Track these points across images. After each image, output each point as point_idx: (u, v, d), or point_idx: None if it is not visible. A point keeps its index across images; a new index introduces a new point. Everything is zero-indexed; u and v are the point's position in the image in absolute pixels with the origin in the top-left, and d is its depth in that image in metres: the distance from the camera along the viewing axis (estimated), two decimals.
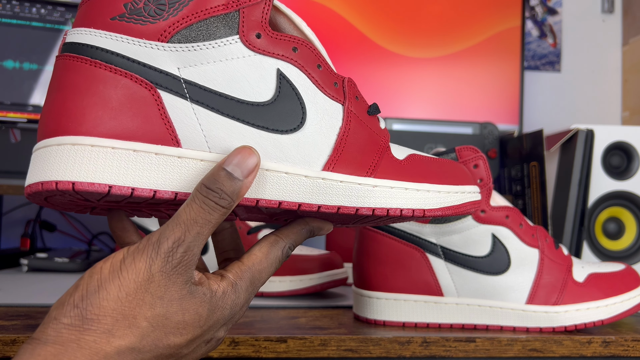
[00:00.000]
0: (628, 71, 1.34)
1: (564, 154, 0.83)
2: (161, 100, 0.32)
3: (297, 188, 0.34)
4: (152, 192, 0.32)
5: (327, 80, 0.36)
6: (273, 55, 0.34)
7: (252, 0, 0.34)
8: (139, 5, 0.32)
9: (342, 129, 0.36)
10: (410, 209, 0.36)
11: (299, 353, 0.48)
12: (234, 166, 0.32)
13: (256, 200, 0.34)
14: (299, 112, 0.35)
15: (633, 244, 0.83)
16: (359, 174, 0.36)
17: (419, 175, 0.38)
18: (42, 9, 1.01)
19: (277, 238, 0.36)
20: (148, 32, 0.32)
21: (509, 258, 0.52)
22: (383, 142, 0.38)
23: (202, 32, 0.33)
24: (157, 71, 0.32)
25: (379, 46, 1.12)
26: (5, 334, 0.46)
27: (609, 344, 0.50)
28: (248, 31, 0.34)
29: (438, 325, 0.53)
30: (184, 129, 0.33)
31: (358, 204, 0.35)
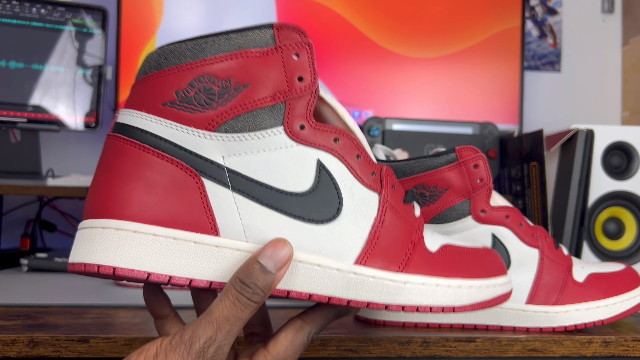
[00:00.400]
0: (628, 71, 1.34)
1: (564, 154, 0.83)
2: (204, 188, 0.33)
3: (329, 282, 0.34)
4: (188, 281, 0.33)
5: (366, 170, 0.36)
6: (315, 146, 0.35)
7: (299, 92, 0.34)
8: (190, 94, 0.33)
9: (376, 219, 0.36)
10: (440, 306, 0.36)
11: None
12: (267, 259, 0.32)
13: (287, 291, 0.34)
14: (335, 202, 0.35)
15: (633, 244, 0.83)
16: (391, 269, 0.36)
17: (450, 269, 0.37)
18: (42, 9, 1.01)
19: (303, 323, 0.36)
20: (197, 120, 0.33)
21: (509, 258, 0.52)
22: (417, 232, 0.38)
23: (249, 123, 0.34)
24: (203, 159, 0.33)
25: (379, 46, 1.12)
26: (5, 334, 0.46)
27: (609, 344, 0.50)
28: (292, 122, 0.34)
29: (438, 325, 0.53)
30: (223, 218, 0.33)
31: (388, 300, 0.35)
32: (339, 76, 1.11)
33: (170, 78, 0.33)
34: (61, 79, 1.02)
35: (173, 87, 0.33)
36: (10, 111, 0.98)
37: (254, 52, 0.34)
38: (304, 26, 1.10)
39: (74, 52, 1.02)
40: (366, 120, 1.05)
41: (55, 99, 1.01)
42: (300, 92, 0.34)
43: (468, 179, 0.51)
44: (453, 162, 0.52)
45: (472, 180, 0.52)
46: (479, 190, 0.52)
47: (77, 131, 1.04)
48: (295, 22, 1.10)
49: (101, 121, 1.04)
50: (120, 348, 0.47)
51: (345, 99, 1.11)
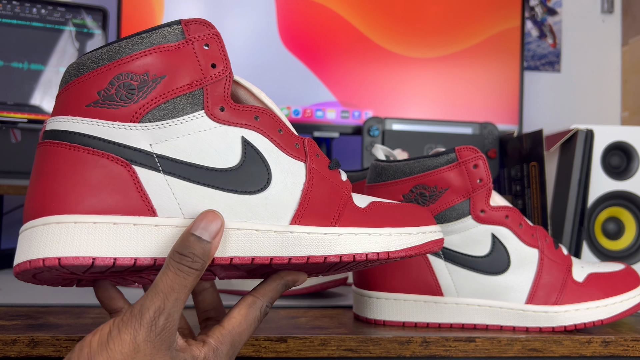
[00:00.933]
0: (627, 71, 1.34)
1: (564, 154, 0.83)
2: (136, 175, 0.35)
3: (268, 243, 0.37)
4: (132, 260, 0.34)
5: (289, 142, 0.39)
6: (237, 125, 0.38)
7: (214, 78, 0.37)
8: (111, 92, 0.36)
9: (305, 184, 0.39)
10: (375, 252, 0.39)
11: (299, 353, 0.48)
12: (202, 230, 0.34)
13: (230, 258, 0.36)
14: (264, 173, 0.38)
15: (632, 244, 0.84)
16: (325, 224, 0.39)
17: (380, 220, 0.40)
18: (43, 9, 1.01)
19: (254, 298, 0.38)
20: (121, 115, 0.35)
21: (509, 258, 0.52)
22: (345, 192, 0.41)
23: (171, 110, 0.36)
24: (131, 149, 0.35)
25: (379, 46, 1.12)
26: (5, 334, 0.46)
27: (608, 344, 0.50)
28: (212, 106, 0.37)
29: (438, 325, 0.53)
30: (159, 199, 0.35)
31: (326, 252, 0.38)
32: (339, 76, 1.11)
33: (90, 81, 0.36)
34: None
35: (94, 88, 0.35)
36: (10, 111, 0.98)
37: (166, 47, 0.36)
38: (304, 26, 1.11)
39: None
40: (366, 120, 1.05)
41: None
42: (215, 77, 0.37)
43: (468, 179, 0.52)
44: (453, 162, 0.52)
45: (471, 180, 0.52)
46: (478, 190, 0.52)
47: None
48: (295, 22, 1.10)
49: None
50: None
51: (345, 99, 1.12)
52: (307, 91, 1.11)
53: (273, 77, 1.10)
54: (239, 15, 1.09)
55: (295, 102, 1.10)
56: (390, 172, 0.53)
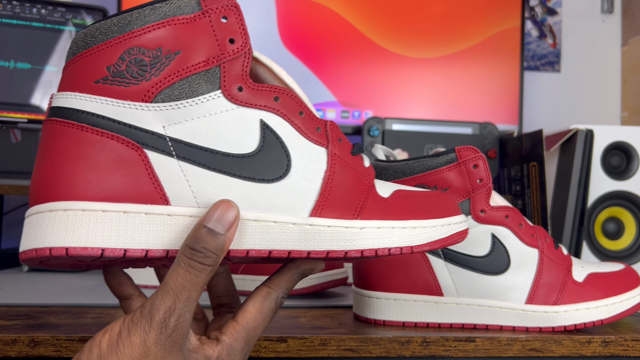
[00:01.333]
0: (627, 71, 1.34)
1: (564, 154, 0.84)
2: (148, 160, 0.33)
3: (286, 236, 0.35)
4: (144, 252, 0.32)
5: (310, 125, 0.37)
6: (255, 107, 0.35)
7: (232, 54, 0.35)
8: (121, 68, 0.33)
9: (327, 172, 0.37)
10: (398, 247, 0.37)
11: (299, 353, 0.48)
12: (215, 222, 0.32)
13: (246, 251, 0.34)
14: (283, 159, 0.36)
15: (632, 244, 0.84)
16: (346, 217, 0.36)
17: (404, 212, 0.38)
18: (43, 9, 1.01)
19: (269, 290, 0.36)
20: (131, 93, 0.33)
21: (509, 258, 0.52)
22: (368, 181, 0.38)
23: (185, 90, 0.34)
24: (143, 131, 0.33)
25: (379, 46, 1.13)
26: (5, 334, 0.46)
27: (608, 344, 0.50)
28: (230, 85, 0.34)
29: (438, 325, 0.53)
30: (172, 187, 0.33)
31: (346, 247, 0.36)
32: (339, 76, 1.11)
33: (99, 55, 0.33)
34: None
35: (103, 63, 0.33)
36: (11, 111, 0.98)
37: (181, 19, 0.34)
38: (304, 26, 1.11)
39: None
40: (366, 120, 1.05)
41: None
42: (233, 54, 0.35)
43: (468, 179, 0.52)
44: (453, 162, 0.52)
45: (471, 180, 0.52)
46: (478, 190, 0.52)
47: None
48: (295, 22, 1.10)
49: None
50: None
51: (345, 99, 1.12)
52: (307, 91, 1.11)
53: None
54: None
55: None
56: (391, 172, 0.53)
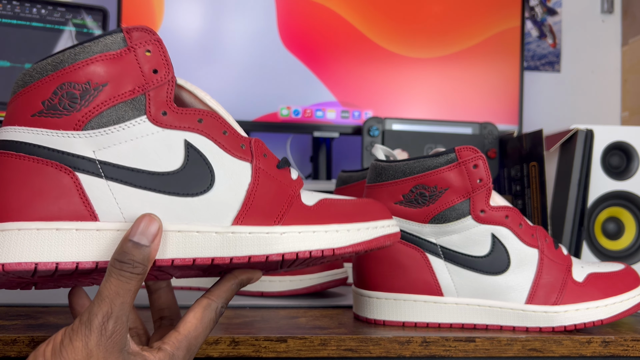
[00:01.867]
0: (627, 71, 1.34)
1: (564, 154, 0.83)
2: (79, 182, 0.36)
3: (209, 244, 0.37)
4: (74, 265, 0.35)
5: (234, 143, 0.40)
6: (180, 129, 0.38)
7: (156, 83, 0.38)
8: (54, 102, 0.36)
9: (250, 184, 0.39)
10: (319, 249, 0.39)
11: (299, 353, 0.48)
12: (139, 235, 0.35)
13: (171, 260, 0.37)
14: (207, 175, 0.38)
15: (632, 244, 0.84)
16: (267, 224, 0.39)
17: (328, 217, 0.40)
18: (43, 9, 1.01)
19: (209, 301, 0.39)
20: (64, 123, 0.36)
21: (509, 258, 0.52)
22: (292, 191, 0.41)
23: (112, 117, 0.37)
24: (74, 156, 0.36)
25: (379, 46, 1.13)
26: (5, 334, 0.46)
27: (608, 344, 0.50)
28: (154, 111, 0.37)
29: (438, 325, 0.53)
30: (101, 205, 0.36)
31: (267, 251, 0.38)
32: (339, 76, 1.11)
33: (35, 91, 0.36)
34: None
35: (39, 98, 0.36)
36: None
37: (108, 55, 0.37)
38: (304, 26, 1.11)
39: None
40: (366, 120, 1.05)
41: None
42: (157, 82, 0.38)
43: (468, 179, 0.52)
44: (453, 162, 0.52)
45: (471, 180, 0.52)
46: (478, 190, 0.52)
47: None
48: (295, 22, 1.10)
49: None
50: None
51: (345, 99, 1.12)
52: (307, 91, 1.11)
53: (273, 77, 1.10)
54: (239, 15, 1.09)
55: (295, 102, 1.10)
56: (390, 172, 0.53)
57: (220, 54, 1.09)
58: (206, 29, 1.09)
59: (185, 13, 1.08)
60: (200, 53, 1.08)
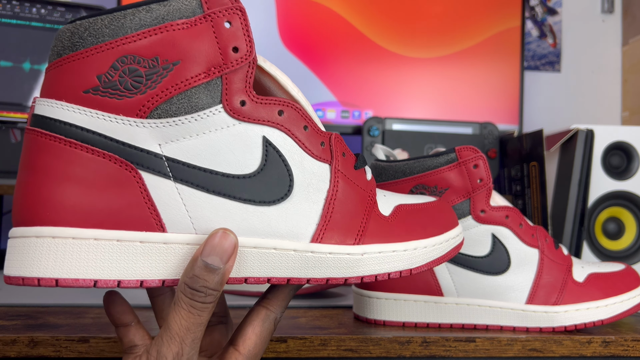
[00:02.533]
0: (628, 71, 1.34)
1: (564, 154, 0.83)
2: (143, 182, 0.30)
3: (286, 263, 0.33)
4: (139, 283, 0.30)
5: (314, 141, 0.35)
6: (258, 122, 0.32)
7: (235, 64, 0.31)
8: (113, 78, 0.30)
9: (329, 191, 0.35)
10: (398, 271, 0.36)
11: (299, 353, 0.48)
12: (213, 256, 0.30)
13: (244, 278, 0.33)
14: (286, 179, 0.33)
15: (633, 244, 0.84)
16: (348, 242, 0.35)
17: (406, 232, 0.37)
18: (42, 9, 1.01)
19: (267, 311, 0.35)
20: (125, 107, 0.30)
21: (509, 258, 0.52)
22: (370, 197, 0.37)
23: (184, 105, 0.31)
24: (138, 150, 0.30)
25: (379, 46, 1.12)
26: (5, 334, 0.46)
27: (608, 344, 0.50)
28: (232, 99, 0.32)
29: (438, 325, 0.53)
30: (168, 212, 0.31)
31: (346, 274, 0.35)
32: (339, 76, 1.11)
33: (89, 61, 0.29)
34: None
35: (94, 71, 0.30)
36: (10, 111, 0.98)
37: (180, 23, 0.30)
38: (304, 26, 1.11)
39: None
40: (366, 120, 1.05)
41: None
42: (236, 64, 0.31)
43: (468, 179, 0.52)
44: (453, 162, 0.52)
45: (472, 180, 0.52)
46: (478, 190, 0.52)
47: None
48: (295, 22, 1.10)
49: None
50: (120, 348, 0.47)
51: (346, 99, 1.12)
52: (307, 91, 1.11)
53: None
54: None
55: None
56: (391, 172, 0.53)
57: None
58: None
59: None
60: None
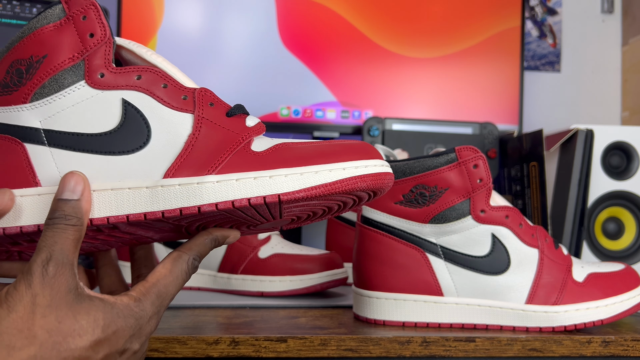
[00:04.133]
0: (628, 71, 1.34)
1: (564, 154, 0.83)
2: (26, 151, 0.38)
3: (139, 200, 0.37)
4: (19, 229, 0.37)
5: (174, 95, 0.39)
6: (117, 88, 0.39)
7: (93, 46, 0.39)
8: (7, 80, 0.39)
9: (190, 135, 0.38)
10: (260, 196, 0.36)
11: (299, 353, 0.48)
12: (67, 192, 0.36)
13: (106, 218, 0.37)
14: (144, 131, 0.38)
15: (632, 244, 0.84)
16: (201, 174, 0.37)
17: (279, 162, 0.37)
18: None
19: (180, 253, 0.39)
20: (14, 98, 0.39)
21: (509, 258, 0.52)
22: (241, 138, 0.38)
23: (54, 86, 0.38)
24: (22, 128, 0.39)
25: (379, 46, 1.13)
26: None
27: (608, 344, 0.50)
28: (92, 74, 0.39)
29: (438, 325, 0.53)
30: (43, 172, 0.38)
31: (198, 202, 0.36)
32: (339, 76, 1.11)
33: None
34: None
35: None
36: None
37: (50, 27, 0.39)
38: (304, 26, 1.11)
39: None
40: (366, 120, 1.05)
41: None
42: (94, 45, 0.39)
43: (468, 179, 0.52)
44: (453, 162, 0.52)
45: (471, 180, 0.52)
46: (478, 190, 0.52)
47: None
48: (295, 22, 1.10)
49: None
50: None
51: (346, 99, 1.12)
52: (307, 91, 1.11)
53: (273, 77, 1.10)
54: (239, 15, 1.09)
55: (295, 102, 1.10)
56: None
57: (221, 54, 1.09)
58: (206, 29, 1.09)
59: (185, 13, 1.08)
60: (201, 53, 1.08)
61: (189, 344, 0.47)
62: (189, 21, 1.08)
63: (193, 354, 0.47)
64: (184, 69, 1.07)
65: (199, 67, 1.08)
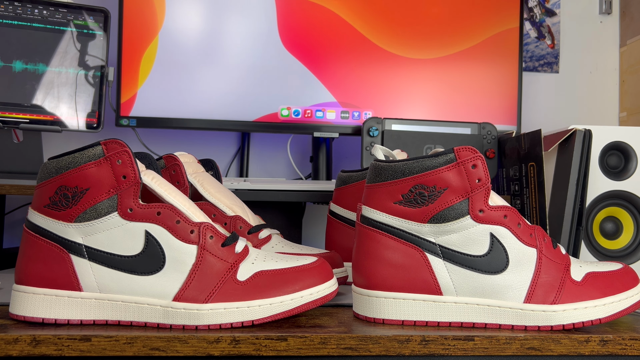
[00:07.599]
0: (625, 72, 1.34)
1: (562, 154, 0.84)
2: (71, 260, 0.51)
3: (156, 314, 0.51)
4: (66, 321, 0.51)
5: (184, 230, 0.52)
6: (142, 221, 0.51)
7: (125, 186, 0.51)
8: (56, 199, 0.52)
9: (194, 265, 0.51)
10: (239, 322, 0.50)
11: (299, 351, 0.48)
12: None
13: (130, 322, 0.51)
14: (160, 258, 0.51)
15: (630, 243, 0.84)
16: (200, 302, 0.50)
17: (256, 293, 0.51)
18: (44, 10, 1.01)
19: None
20: (62, 216, 0.52)
21: (507, 257, 0.53)
22: (231, 266, 0.52)
23: (93, 214, 0.51)
24: (69, 241, 0.51)
25: (379, 47, 1.13)
26: (7, 333, 0.46)
27: (606, 343, 0.51)
28: (123, 207, 0.51)
29: (437, 324, 0.53)
30: (84, 279, 0.51)
31: (196, 323, 0.50)
32: (339, 77, 1.12)
33: (45, 188, 0.52)
34: (63, 80, 1.02)
35: (47, 194, 0.52)
36: (12, 112, 0.98)
37: (92, 165, 0.51)
38: (304, 27, 1.11)
39: (76, 53, 1.03)
40: (366, 121, 1.05)
41: (57, 99, 1.01)
42: (126, 186, 0.51)
43: (466, 179, 0.52)
44: (452, 162, 0.52)
45: (470, 180, 0.52)
46: (477, 190, 0.52)
47: (79, 131, 1.04)
48: (295, 23, 1.10)
49: (103, 122, 1.04)
50: (122, 347, 0.47)
51: (345, 100, 1.12)
52: (307, 92, 1.11)
53: (273, 78, 1.10)
54: (239, 15, 1.10)
55: (295, 103, 1.11)
56: (390, 172, 0.54)
57: (221, 54, 1.09)
58: (207, 30, 1.09)
59: (186, 14, 1.09)
60: (201, 54, 1.09)
61: (190, 342, 0.48)
62: (190, 22, 1.09)
63: (194, 353, 0.48)
64: (184, 70, 1.08)
65: (199, 68, 1.08)
